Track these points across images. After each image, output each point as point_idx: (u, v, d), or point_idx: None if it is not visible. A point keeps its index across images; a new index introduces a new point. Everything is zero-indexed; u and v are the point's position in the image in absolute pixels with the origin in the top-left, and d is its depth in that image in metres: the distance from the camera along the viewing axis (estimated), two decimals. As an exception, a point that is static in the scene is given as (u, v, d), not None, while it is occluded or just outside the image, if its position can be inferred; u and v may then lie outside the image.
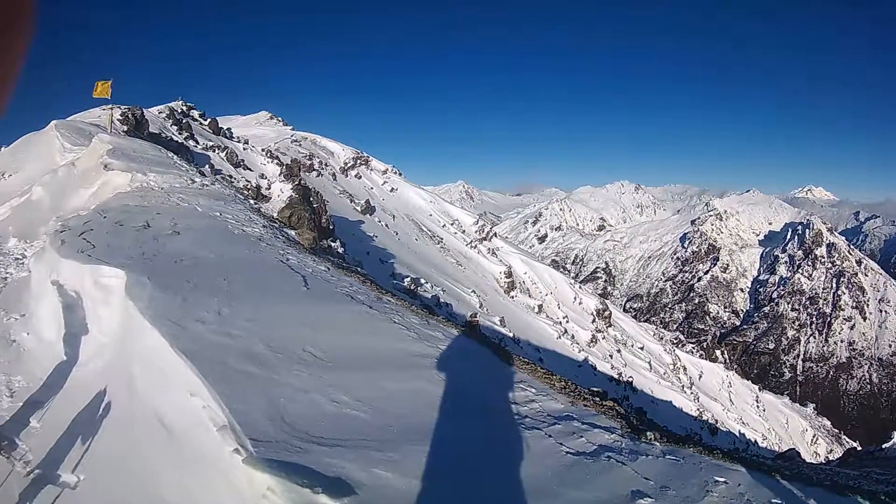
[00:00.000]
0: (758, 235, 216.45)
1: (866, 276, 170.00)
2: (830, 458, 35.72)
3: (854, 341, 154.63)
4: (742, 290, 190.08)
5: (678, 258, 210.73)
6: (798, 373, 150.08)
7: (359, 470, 3.32)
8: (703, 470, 5.13)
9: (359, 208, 38.28)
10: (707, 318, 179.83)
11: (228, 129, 37.70)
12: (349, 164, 48.66)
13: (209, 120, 36.68)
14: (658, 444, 5.79)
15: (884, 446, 28.99)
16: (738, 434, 37.97)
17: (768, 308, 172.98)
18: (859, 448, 39.88)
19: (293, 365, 4.63)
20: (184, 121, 31.55)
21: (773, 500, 4.74)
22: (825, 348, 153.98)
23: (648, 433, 6.04)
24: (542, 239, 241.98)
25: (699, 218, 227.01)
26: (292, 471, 3.18)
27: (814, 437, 53.04)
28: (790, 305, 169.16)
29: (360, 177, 48.40)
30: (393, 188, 49.79)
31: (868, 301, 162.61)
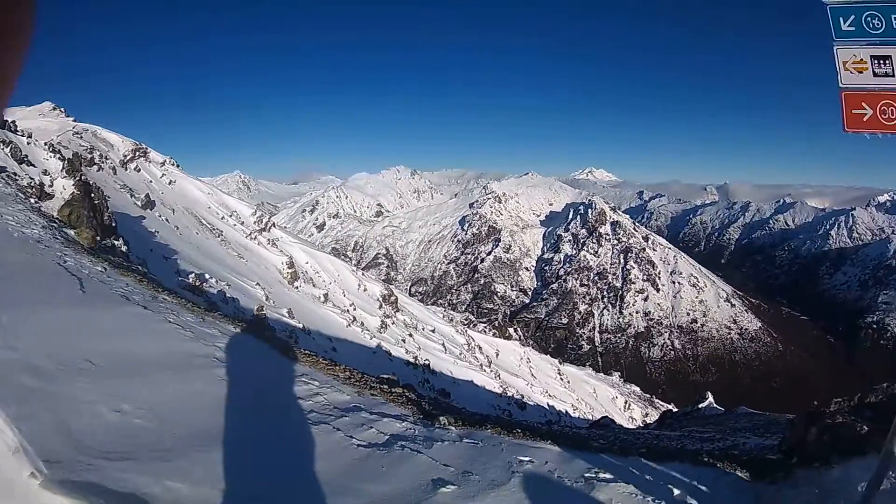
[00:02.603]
0: (539, 216, 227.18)
1: (654, 250, 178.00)
2: (648, 422, 38.32)
3: (650, 311, 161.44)
4: (527, 269, 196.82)
5: (459, 241, 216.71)
6: (596, 344, 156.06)
7: (151, 483, 3.29)
8: (504, 451, 5.23)
9: (139, 203, 35.40)
10: (495, 297, 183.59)
11: (13, 121, 32.94)
12: (128, 157, 44.40)
13: (-11, 113, 31.58)
14: (453, 428, 5.91)
15: (700, 406, 32.07)
16: (547, 406, 39.23)
17: (556, 285, 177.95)
18: (675, 409, 42.39)
19: (74, 376, 4.40)
20: (-41, 114, 27.00)
21: (587, 475, 4.83)
22: (621, 320, 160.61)
23: (441, 418, 6.17)
24: (320, 227, 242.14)
25: (477, 201, 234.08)
26: (88, 491, 3.08)
27: (626, 403, 56.09)
28: (579, 281, 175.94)
29: (140, 170, 44.41)
30: (171, 181, 46.39)
31: (659, 274, 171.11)
